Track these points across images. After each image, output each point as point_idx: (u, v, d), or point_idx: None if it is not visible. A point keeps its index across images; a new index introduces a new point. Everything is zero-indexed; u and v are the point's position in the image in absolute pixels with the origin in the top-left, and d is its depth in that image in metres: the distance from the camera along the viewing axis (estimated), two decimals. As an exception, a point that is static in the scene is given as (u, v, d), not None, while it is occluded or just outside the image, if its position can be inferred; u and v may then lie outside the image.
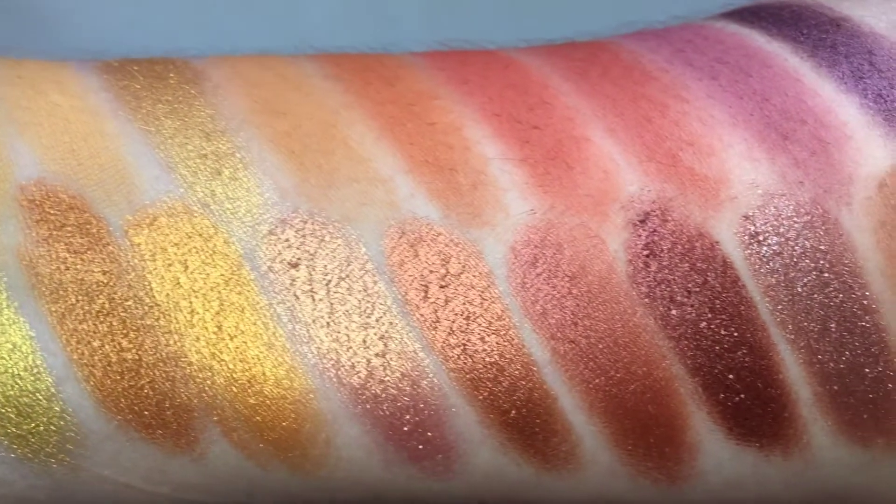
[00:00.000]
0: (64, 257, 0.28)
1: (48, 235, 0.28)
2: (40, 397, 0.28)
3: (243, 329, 0.28)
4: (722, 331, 0.29)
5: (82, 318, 0.28)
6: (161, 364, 0.28)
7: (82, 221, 0.28)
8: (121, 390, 0.28)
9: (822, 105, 0.30)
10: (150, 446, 0.28)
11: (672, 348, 0.29)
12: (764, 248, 0.29)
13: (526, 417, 0.29)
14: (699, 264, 0.29)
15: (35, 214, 0.28)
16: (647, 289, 0.29)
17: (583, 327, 0.28)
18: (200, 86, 0.30)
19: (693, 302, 0.29)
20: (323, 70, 0.30)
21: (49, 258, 0.28)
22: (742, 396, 0.29)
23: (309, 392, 0.28)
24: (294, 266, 0.28)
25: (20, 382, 0.27)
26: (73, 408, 0.28)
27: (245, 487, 0.29)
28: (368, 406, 0.28)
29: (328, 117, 0.29)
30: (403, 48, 0.32)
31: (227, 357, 0.28)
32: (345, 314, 0.28)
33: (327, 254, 0.28)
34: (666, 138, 0.29)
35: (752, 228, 0.29)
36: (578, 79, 0.30)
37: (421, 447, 0.29)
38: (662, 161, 0.29)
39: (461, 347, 0.28)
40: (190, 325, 0.28)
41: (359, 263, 0.28)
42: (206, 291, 0.28)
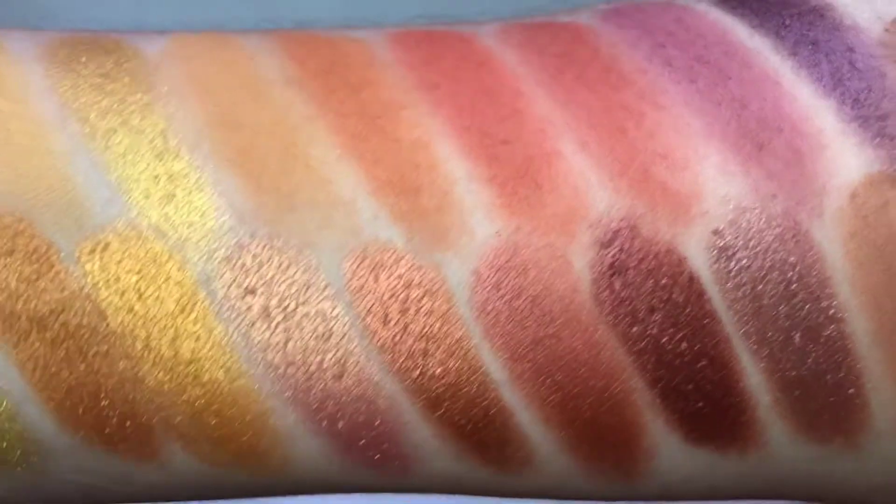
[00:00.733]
0: (14, 287, 0.27)
1: None
2: (2, 419, 0.28)
3: (199, 355, 0.28)
4: (683, 344, 0.29)
5: (37, 346, 0.27)
6: (119, 387, 0.28)
7: (31, 248, 0.27)
8: (81, 412, 0.28)
9: (800, 111, 0.29)
10: (114, 457, 0.29)
11: (632, 362, 0.29)
12: (732, 263, 0.29)
13: (482, 431, 0.29)
14: (664, 281, 0.28)
15: None
16: (610, 307, 0.28)
17: (543, 347, 0.28)
18: (154, 91, 0.28)
19: (656, 318, 0.28)
20: (285, 73, 0.29)
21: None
22: (700, 405, 0.29)
23: (265, 412, 0.28)
24: (251, 292, 0.28)
25: None
26: (34, 427, 0.28)
27: (212, 484, 0.30)
28: (324, 424, 0.28)
29: (288, 133, 0.28)
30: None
31: (184, 381, 0.28)
32: (302, 339, 0.28)
33: (285, 279, 0.28)
34: (640, 151, 0.29)
35: (722, 243, 0.29)
36: (553, 83, 0.29)
37: (377, 457, 0.29)
38: (634, 176, 0.28)
39: (419, 370, 0.28)
40: (146, 351, 0.28)
41: (317, 289, 0.28)
42: (161, 318, 0.28)
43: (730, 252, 0.29)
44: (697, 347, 0.29)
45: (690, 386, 0.29)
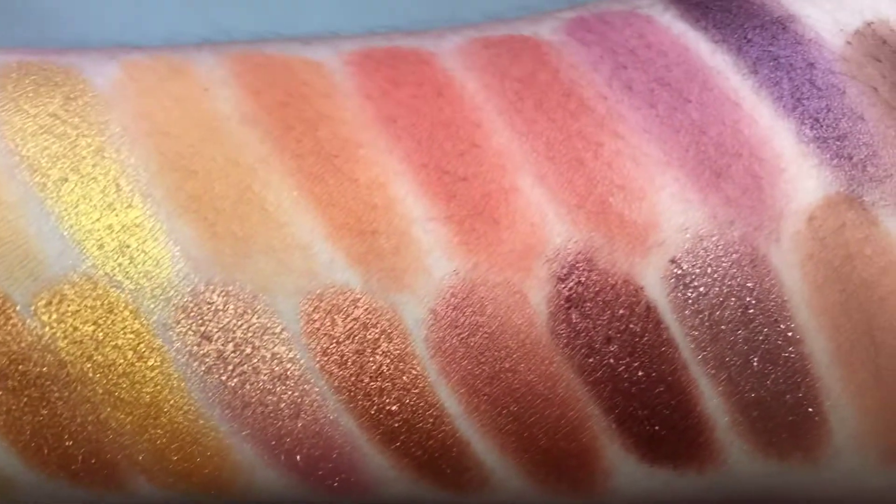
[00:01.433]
0: None
1: None
2: None
3: (158, 399, 0.28)
4: (640, 372, 0.29)
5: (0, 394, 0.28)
6: (82, 429, 0.28)
7: None
8: (46, 451, 0.28)
9: (759, 134, 0.29)
10: (82, 490, 0.29)
11: (587, 391, 0.29)
12: (689, 291, 0.29)
13: (438, 460, 0.29)
14: (621, 311, 0.29)
15: None
16: (566, 339, 0.28)
17: (499, 380, 0.29)
18: (105, 134, 0.28)
19: (612, 348, 0.29)
20: (240, 108, 0.28)
21: None
22: (657, 428, 0.29)
23: (224, 448, 0.29)
24: (207, 338, 0.28)
25: None
26: (3, 465, 0.28)
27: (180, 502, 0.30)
28: (282, 458, 0.29)
29: (244, 176, 0.28)
30: None
31: (145, 423, 0.28)
32: (258, 381, 0.28)
33: (241, 324, 0.28)
34: (598, 182, 0.28)
35: (679, 271, 0.29)
36: (513, 112, 0.29)
37: (336, 484, 0.29)
38: (592, 208, 0.28)
39: (375, 408, 0.28)
40: (107, 395, 0.28)
41: (273, 333, 0.28)
42: (120, 365, 0.28)
43: (687, 280, 0.29)
44: (654, 374, 0.29)
45: (647, 411, 0.29)
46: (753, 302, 0.29)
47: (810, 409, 0.29)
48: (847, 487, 0.31)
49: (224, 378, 0.28)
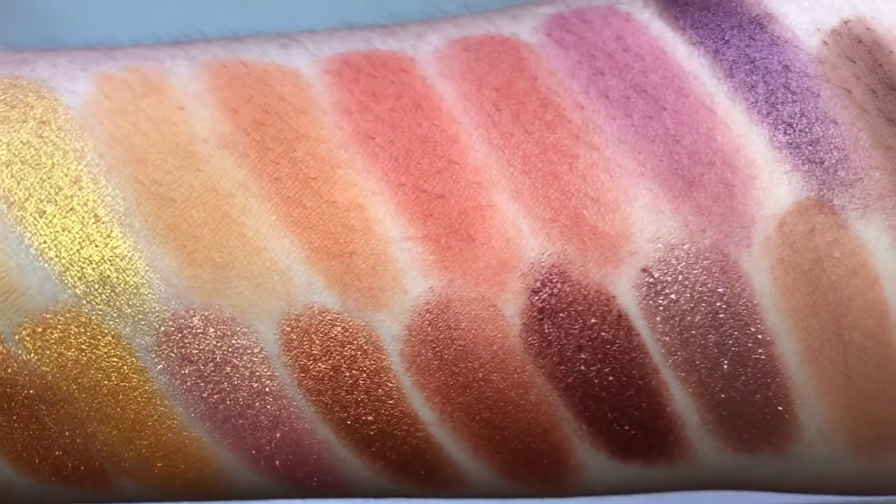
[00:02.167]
0: None
1: None
2: None
3: (143, 416, 0.29)
4: (610, 377, 0.30)
5: None
6: (71, 441, 0.29)
7: None
8: (37, 461, 0.29)
9: (732, 142, 0.29)
10: (72, 491, 0.30)
11: (558, 396, 0.30)
12: (661, 298, 0.29)
13: (413, 463, 0.30)
14: (593, 320, 0.29)
15: None
16: (538, 349, 0.29)
17: (472, 390, 0.29)
18: (81, 163, 0.28)
19: (583, 355, 0.29)
20: (216, 130, 0.28)
21: None
22: (626, 428, 0.30)
23: (206, 456, 0.30)
24: (188, 361, 0.29)
25: None
26: None
27: (165, 500, 0.32)
28: (262, 464, 0.30)
29: (221, 202, 0.28)
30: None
31: (131, 435, 0.29)
32: (237, 399, 0.29)
33: (222, 346, 0.29)
34: (572, 195, 0.29)
35: (650, 280, 0.29)
36: (490, 126, 0.29)
37: (315, 483, 0.31)
38: (566, 222, 0.29)
39: (351, 419, 0.29)
40: (94, 412, 0.29)
41: (252, 353, 0.29)
42: (104, 386, 0.29)
43: (658, 288, 0.29)
44: (625, 379, 0.30)
45: (617, 413, 0.30)
46: (724, 307, 0.29)
47: (780, 408, 0.30)
48: (817, 476, 0.32)
49: (205, 395, 0.29)
